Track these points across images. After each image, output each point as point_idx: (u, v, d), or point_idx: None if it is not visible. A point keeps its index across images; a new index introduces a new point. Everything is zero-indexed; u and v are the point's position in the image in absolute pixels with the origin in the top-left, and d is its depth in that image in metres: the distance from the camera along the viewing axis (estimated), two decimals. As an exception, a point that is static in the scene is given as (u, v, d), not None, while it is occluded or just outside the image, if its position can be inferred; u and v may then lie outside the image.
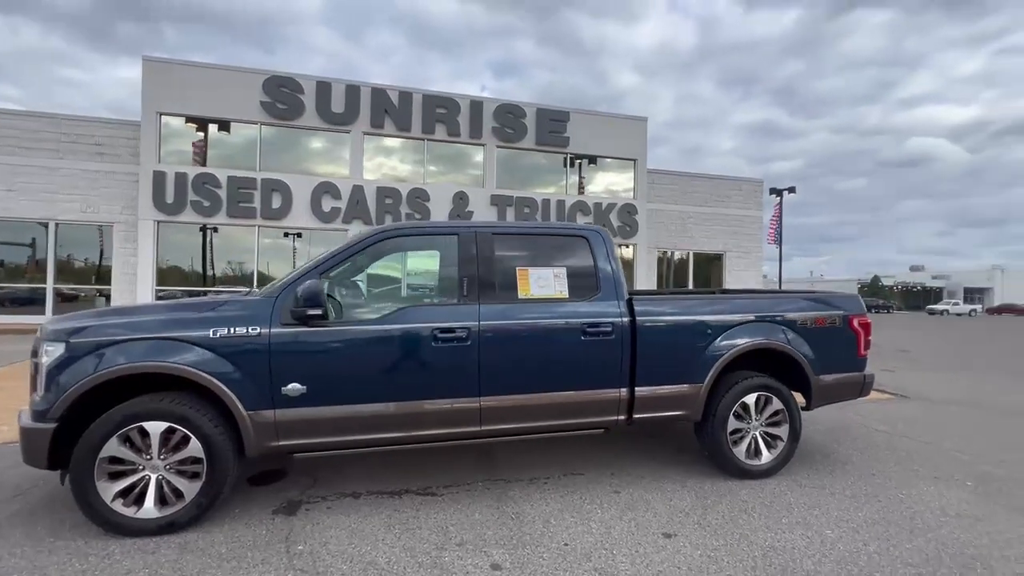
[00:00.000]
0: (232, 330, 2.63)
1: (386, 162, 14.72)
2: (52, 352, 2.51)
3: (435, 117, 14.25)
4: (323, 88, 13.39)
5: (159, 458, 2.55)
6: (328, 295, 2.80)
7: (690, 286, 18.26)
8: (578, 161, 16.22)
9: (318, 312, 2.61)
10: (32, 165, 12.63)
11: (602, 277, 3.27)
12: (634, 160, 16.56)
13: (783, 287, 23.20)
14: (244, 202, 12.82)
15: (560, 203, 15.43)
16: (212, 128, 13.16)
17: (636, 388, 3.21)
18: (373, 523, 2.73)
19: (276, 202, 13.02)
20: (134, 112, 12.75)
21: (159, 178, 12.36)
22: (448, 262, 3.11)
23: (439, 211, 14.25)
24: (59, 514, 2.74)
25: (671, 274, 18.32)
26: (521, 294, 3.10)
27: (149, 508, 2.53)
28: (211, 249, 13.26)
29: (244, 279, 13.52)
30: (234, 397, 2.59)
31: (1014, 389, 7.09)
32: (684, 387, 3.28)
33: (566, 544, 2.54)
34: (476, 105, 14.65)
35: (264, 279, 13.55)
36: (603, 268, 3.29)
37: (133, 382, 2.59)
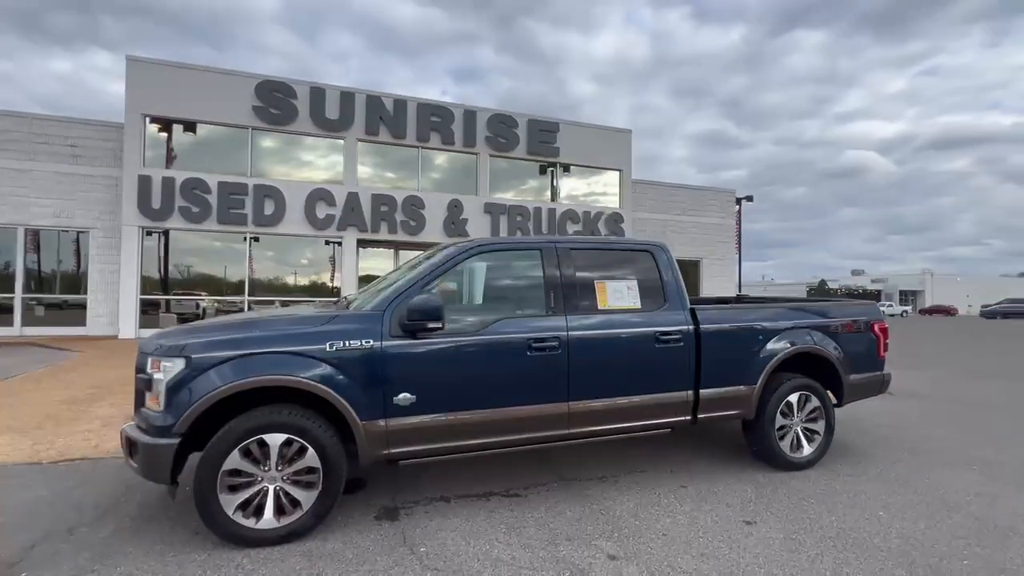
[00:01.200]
0: (347, 343, 2.74)
1: (381, 169, 14.66)
2: (171, 368, 2.55)
3: (430, 125, 14.34)
4: (317, 94, 13.23)
5: (277, 469, 2.62)
6: None
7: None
8: (562, 170, 16.65)
9: (438, 325, 2.76)
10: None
11: (668, 288, 3.56)
12: (620, 170, 17.17)
13: (741, 292, 24.51)
14: (235, 208, 12.47)
15: (551, 211, 15.80)
16: (201, 132, 12.75)
17: (700, 390, 3.51)
18: (477, 524, 2.89)
19: (269, 208, 12.74)
20: (69, 107, 12.20)
21: (144, 183, 11.85)
22: (532, 276, 3.32)
23: (433, 219, 14.32)
24: (162, 528, 2.76)
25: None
26: (600, 305, 3.34)
27: (269, 519, 2.60)
28: (165, 256, 12.69)
29: (233, 286, 13.10)
30: (350, 408, 2.70)
31: (975, 384, 7.93)
32: (741, 388, 3.61)
33: (664, 534, 2.78)
34: (470, 115, 14.84)
35: (255, 285, 13.18)
36: (668, 279, 3.58)
37: (245, 395, 2.65)
